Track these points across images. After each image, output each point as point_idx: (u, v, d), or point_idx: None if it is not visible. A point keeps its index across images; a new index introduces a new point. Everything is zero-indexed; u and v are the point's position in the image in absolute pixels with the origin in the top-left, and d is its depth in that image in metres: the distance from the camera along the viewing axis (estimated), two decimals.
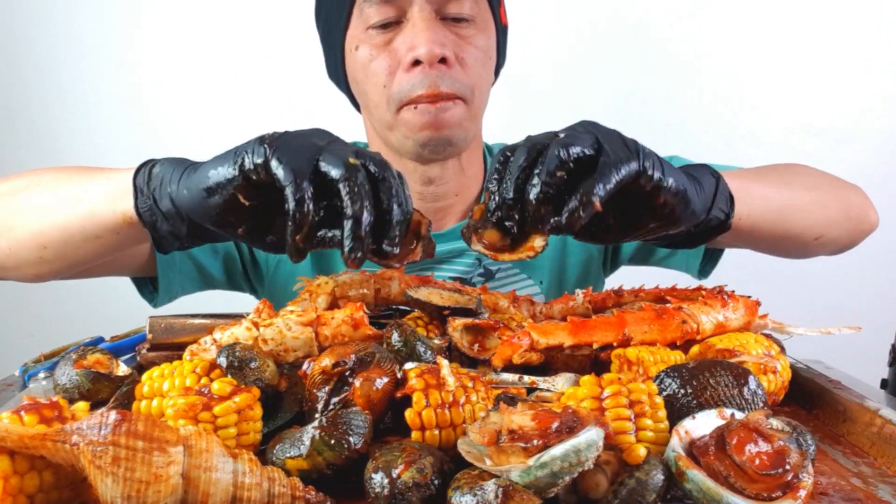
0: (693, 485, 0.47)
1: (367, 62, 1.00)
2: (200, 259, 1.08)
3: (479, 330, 0.74)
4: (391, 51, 0.98)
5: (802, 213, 0.91)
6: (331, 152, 0.60)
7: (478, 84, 1.02)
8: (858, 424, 0.66)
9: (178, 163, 0.70)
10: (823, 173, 1.00)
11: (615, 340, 0.70)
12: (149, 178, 0.71)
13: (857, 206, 0.99)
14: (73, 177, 0.82)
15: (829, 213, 0.94)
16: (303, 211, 0.58)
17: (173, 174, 0.68)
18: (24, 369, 0.83)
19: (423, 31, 0.95)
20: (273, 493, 0.48)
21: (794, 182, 0.92)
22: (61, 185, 0.81)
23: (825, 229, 0.94)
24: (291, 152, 0.60)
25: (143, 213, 0.71)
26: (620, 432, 0.53)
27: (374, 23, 0.98)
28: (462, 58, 0.99)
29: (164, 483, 0.45)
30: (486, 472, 0.48)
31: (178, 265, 1.05)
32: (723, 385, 0.57)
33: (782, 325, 0.81)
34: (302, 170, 0.59)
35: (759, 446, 0.49)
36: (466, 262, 1.13)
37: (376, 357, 0.60)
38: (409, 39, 0.96)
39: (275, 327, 0.70)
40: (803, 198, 0.91)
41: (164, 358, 0.80)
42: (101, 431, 0.44)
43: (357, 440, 0.52)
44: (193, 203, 0.65)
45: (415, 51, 0.95)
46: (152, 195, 0.70)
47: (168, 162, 0.71)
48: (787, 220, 0.89)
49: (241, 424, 0.56)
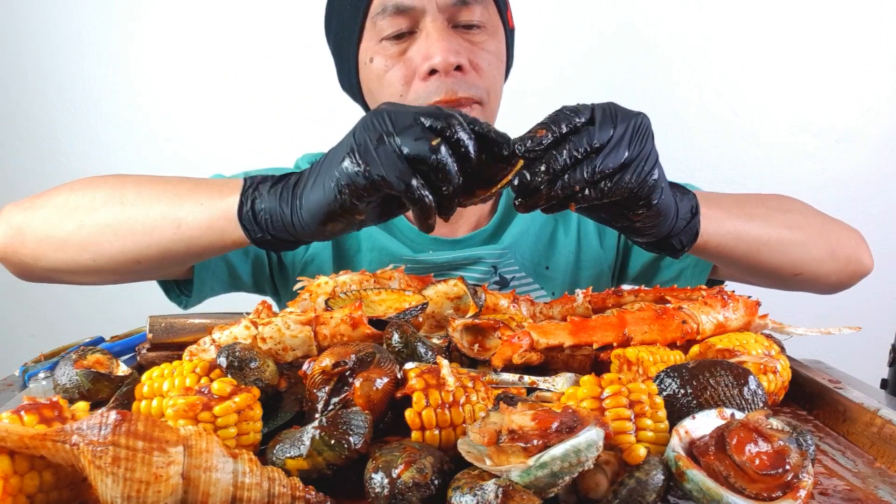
0: (693, 485, 0.47)
1: (382, 73, 1.02)
2: (233, 261, 1.09)
3: (479, 330, 0.74)
4: (406, 61, 1.00)
5: (778, 249, 0.92)
6: (404, 136, 0.65)
7: (492, 87, 1.05)
8: (858, 424, 0.66)
9: (274, 186, 0.75)
10: (816, 212, 1.01)
11: (615, 340, 0.71)
12: (253, 215, 0.76)
13: (847, 248, 1.00)
14: (159, 193, 0.83)
15: (809, 252, 0.95)
16: (423, 208, 0.66)
17: (278, 203, 0.74)
18: (25, 369, 0.83)
19: (438, 40, 0.98)
20: (273, 493, 0.48)
21: (777, 219, 0.93)
22: (151, 205, 0.83)
23: (804, 267, 0.95)
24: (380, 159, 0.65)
25: (256, 242, 0.77)
26: (620, 432, 0.53)
27: (388, 34, 1.00)
28: (476, 63, 1.01)
29: (164, 483, 0.45)
30: (486, 472, 0.48)
31: (213, 268, 1.05)
32: (723, 385, 0.57)
33: (782, 325, 0.81)
34: (400, 171, 0.65)
35: (759, 446, 0.49)
36: (481, 269, 1.13)
37: (376, 357, 0.60)
38: (424, 49, 0.99)
39: (273, 326, 0.70)
40: (782, 235, 0.92)
41: (164, 358, 0.80)
42: (101, 431, 0.44)
43: (357, 440, 0.52)
44: (312, 231, 0.72)
45: (430, 60, 0.97)
46: (265, 230, 0.76)
47: (267, 191, 0.75)
48: (758, 254, 0.91)
49: (241, 424, 0.56)
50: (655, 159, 0.72)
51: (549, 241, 1.18)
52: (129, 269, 0.85)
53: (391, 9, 0.99)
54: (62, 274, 0.88)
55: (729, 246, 0.88)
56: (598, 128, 0.68)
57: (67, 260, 0.85)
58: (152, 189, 0.84)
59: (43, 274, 0.89)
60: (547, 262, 1.18)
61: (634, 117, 0.70)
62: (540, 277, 1.17)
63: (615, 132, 0.69)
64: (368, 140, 0.66)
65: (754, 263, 0.92)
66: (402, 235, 1.15)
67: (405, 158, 0.65)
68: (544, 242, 1.18)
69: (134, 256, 0.83)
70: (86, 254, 0.84)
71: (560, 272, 1.17)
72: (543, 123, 0.69)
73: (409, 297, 0.79)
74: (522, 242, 1.16)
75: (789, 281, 0.97)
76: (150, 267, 0.85)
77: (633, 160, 0.69)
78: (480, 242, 1.16)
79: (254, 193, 0.76)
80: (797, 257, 0.94)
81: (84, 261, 0.85)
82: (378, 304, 0.78)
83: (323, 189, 0.69)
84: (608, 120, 0.69)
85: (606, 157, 0.68)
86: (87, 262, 0.85)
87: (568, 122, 0.68)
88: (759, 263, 0.92)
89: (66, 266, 0.86)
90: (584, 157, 0.68)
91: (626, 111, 0.71)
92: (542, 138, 0.68)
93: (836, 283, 1.01)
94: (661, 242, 0.81)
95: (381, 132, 0.66)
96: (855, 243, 1.01)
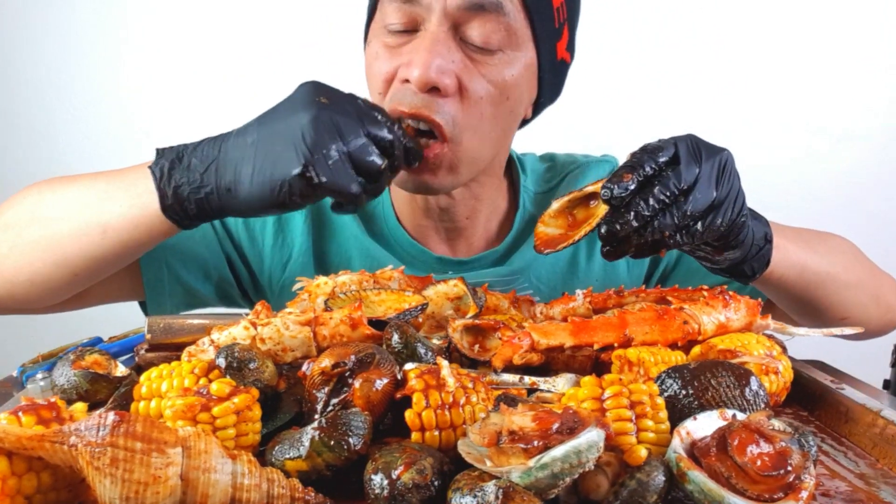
0: (694, 486, 0.47)
1: (371, 60, 0.93)
2: (191, 283, 1.04)
3: (480, 331, 0.73)
4: (393, 57, 0.89)
5: (833, 290, 0.90)
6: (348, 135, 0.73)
7: (476, 125, 0.88)
8: (860, 425, 0.66)
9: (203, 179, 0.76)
10: (865, 256, 0.99)
11: (616, 341, 0.70)
12: (180, 205, 0.77)
13: (890, 296, 0.98)
14: (78, 199, 0.83)
15: (858, 296, 0.93)
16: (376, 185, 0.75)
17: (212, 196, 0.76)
18: (23, 370, 0.82)
19: (425, 50, 0.83)
20: (272, 495, 0.48)
21: (836, 259, 0.91)
22: (72, 215, 0.82)
23: (853, 311, 0.93)
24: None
25: (181, 224, 0.79)
26: (621, 433, 0.52)
27: (389, 24, 0.89)
28: (466, 88, 0.86)
29: (163, 484, 0.44)
30: (487, 474, 0.48)
31: (168, 290, 1.02)
32: (724, 386, 0.57)
33: (784, 325, 0.81)
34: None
35: (760, 447, 0.48)
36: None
37: (376, 358, 0.59)
38: (410, 54, 0.86)
39: (272, 327, 0.70)
40: (839, 276, 0.90)
41: (163, 359, 0.80)
42: (100, 432, 0.44)
43: (357, 441, 0.52)
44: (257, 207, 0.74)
45: (409, 69, 0.84)
46: (196, 218, 0.78)
47: (186, 165, 0.76)
48: (815, 291, 0.89)
49: (240, 425, 0.56)
50: (744, 199, 0.70)
51: (569, 267, 1.10)
52: (67, 282, 0.84)
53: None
54: (5, 301, 0.87)
55: (792, 279, 0.86)
56: (685, 167, 0.66)
57: (5, 284, 0.85)
58: (70, 195, 0.83)
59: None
60: (565, 289, 1.05)
61: (719, 154, 0.68)
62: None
63: (701, 171, 0.66)
64: (319, 146, 0.71)
65: (809, 300, 0.90)
66: (403, 252, 1.07)
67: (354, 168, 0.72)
68: (563, 267, 1.09)
69: (70, 269, 0.82)
70: (22, 275, 0.83)
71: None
72: (627, 166, 0.66)
73: (408, 298, 0.78)
74: (537, 266, 1.07)
75: (832, 323, 0.94)
76: (88, 276, 0.84)
77: (722, 201, 0.68)
78: (489, 265, 1.07)
79: (171, 180, 0.76)
80: (848, 300, 0.92)
81: (22, 283, 0.84)
82: (378, 305, 0.78)
83: (263, 186, 0.72)
84: (693, 158, 0.67)
85: (696, 200, 0.66)
86: (25, 285, 0.84)
87: (653, 162, 0.66)
88: (814, 301, 0.90)
89: (6, 292, 0.85)
90: (672, 200, 0.66)
91: (709, 147, 0.69)
92: (627, 183, 0.65)
93: (874, 329, 0.98)
94: (732, 268, 0.79)
95: (330, 141, 0.71)
96: (894, 289, 1.00)
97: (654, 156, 0.66)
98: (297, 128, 0.72)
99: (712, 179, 0.67)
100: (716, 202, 0.67)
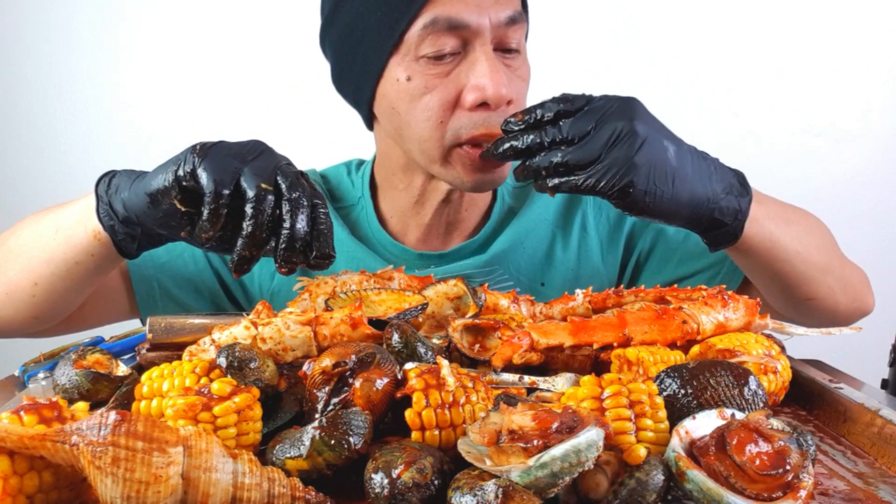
0: (693, 485, 0.47)
1: (419, 94, 0.91)
2: (183, 300, 1.06)
3: (480, 330, 0.73)
4: (448, 84, 0.90)
5: (802, 268, 0.90)
6: (252, 168, 0.65)
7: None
8: (859, 425, 0.66)
9: (133, 172, 0.76)
10: (835, 242, 0.99)
11: (615, 340, 0.70)
12: (108, 186, 0.77)
13: (856, 286, 0.98)
14: (50, 211, 0.88)
15: (827, 279, 0.93)
16: (213, 219, 0.65)
17: (126, 182, 0.74)
18: (24, 369, 0.83)
19: (491, 71, 0.88)
20: (273, 494, 0.48)
21: (811, 239, 0.92)
22: (40, 220, 0.87)
23: (820, 293, 0.93)
24: (217, 163, 0.65)
25: (102, 219, 0.77)
26: (620, 432, 0.53)
27: (428, 53, 0.89)
28: (515, 92, 0.93)
29: (164, 483, 0.45)
30: (486, 473, 0.48)
31: (161, 307, 1.04)
32: (723, 385, 0.57)
33: (782, 325, 0.81)
34: (223, 181, 0.64)
35: (759, 446, 0.48)
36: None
37: (377, 357, 0.60)
38: (474, 78, 0.89)
39: (273, 326, 0.70)
40: (811, 255, 0.90)
41: (164, 358, 0.80)
42: (101, 432, 0.44)
43: (357, 440, 0.52)
44: (141, 208, 0.71)
45: (483, 92, 0.88)
46: (109, 202, 0.76)
47: (125, 172, 0.77)
48: (784, 266, 0.89)
49: (241, 425, 0.56)
50: (633, 169, 0.72)
51: (546, 257, 1.12)
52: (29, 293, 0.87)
53: (443, 23, 0.87)
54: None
55: (761, 251, 0.86)
56: (573, 122, 0.73)
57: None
58: (51, 209, 0.87)
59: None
60: (543, 279, 1.11)
61: (620, 122, 0.72)
62: (535, 294, 1.10)
63: (595, 131, 0.72)
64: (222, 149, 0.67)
65: (776, 274, 0.90)
66: (386, 252, 1.09)
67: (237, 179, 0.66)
68: (540, 258, 1.11)
69: (31, 277, 0.86)
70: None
71: (557, 290, 1.08)
72: (528, 108, 0.76)
73: (409, 298, 0.79)
74: (515, 256, 1.09)
75: (800, 303, 0.94)
76: (45, 290, 0.87)
77: (603, 161, 0.72)
78: (468, 254, 1.09)
79: (120, 172, 0.77)
80: (817, 280, 0.92)
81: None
82: (378, 305, 0.78)
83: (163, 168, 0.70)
84: (592, 116, 0.72)
85: (569, 153, 0.73)
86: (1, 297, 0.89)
87: (549, 111, 0.74)
88: (781, 275, 0.90)
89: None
90: (548, 146, 0.74)
91: (624, 114, 0.72)
92: (517, 120, 0.76)
93: (841, 317, 0.98)
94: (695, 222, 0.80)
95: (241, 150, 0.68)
96: (863, 282, 1.00)
97: (556, 104, 0.74)
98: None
99: (601, 141, 0.72)
100: (597, 163, 0.72)
